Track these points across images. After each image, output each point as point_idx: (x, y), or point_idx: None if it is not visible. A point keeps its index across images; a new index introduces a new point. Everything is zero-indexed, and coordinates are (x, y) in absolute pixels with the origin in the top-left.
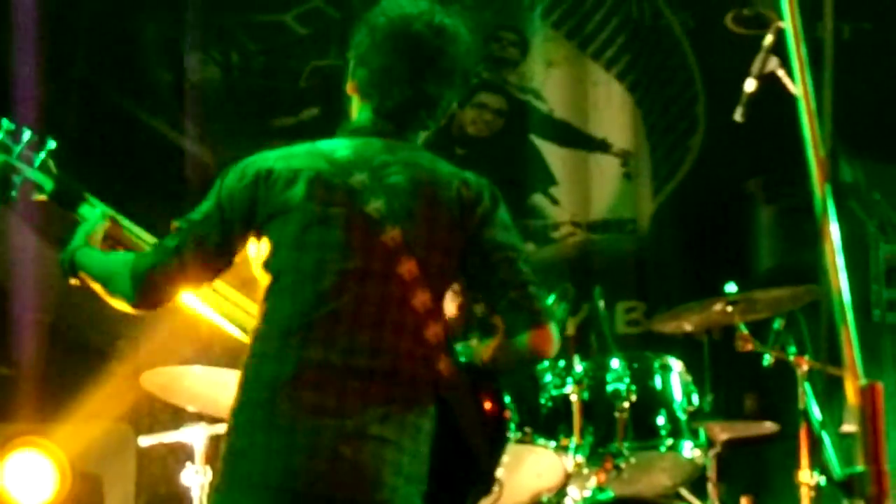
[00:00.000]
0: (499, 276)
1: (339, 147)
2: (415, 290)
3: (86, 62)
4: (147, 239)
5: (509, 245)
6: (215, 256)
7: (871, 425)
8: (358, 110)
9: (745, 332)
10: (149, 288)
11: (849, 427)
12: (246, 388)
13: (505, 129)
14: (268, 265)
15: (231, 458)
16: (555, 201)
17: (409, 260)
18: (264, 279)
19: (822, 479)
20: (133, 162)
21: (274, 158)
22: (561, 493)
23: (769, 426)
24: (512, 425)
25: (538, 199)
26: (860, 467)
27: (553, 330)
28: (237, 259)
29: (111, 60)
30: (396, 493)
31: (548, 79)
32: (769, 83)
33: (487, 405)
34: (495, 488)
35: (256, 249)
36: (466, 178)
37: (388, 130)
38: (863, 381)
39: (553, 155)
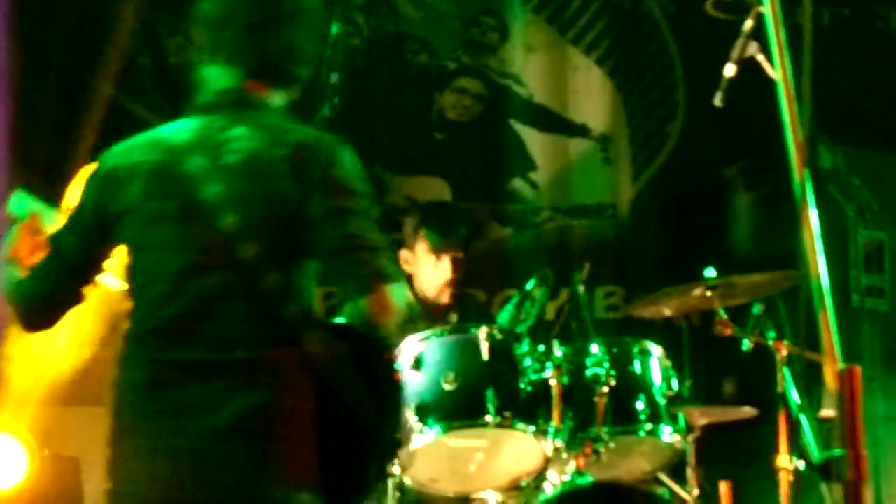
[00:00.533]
0: (328, 244)
1: (180, 130)
2: (262, 274)
3: (63, 45)
4: None
5: (340, 208)
6: (81, 269)
7: (849, 409)
8: (207, 80)
9: (725, 317)
10: (27, 315)
11: (827, 411)
12: (113, 393)
13: (484, 114)
14: (125, 268)
15: (108, 466)
16: (534, 186)
17: (251, 244)
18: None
19: (801, 464)
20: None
21: (116, 154)
22: (540, 477)
23: (748, 411)
24: (491, 409)
25: (518, 183)
26: (838, 451)
27: (390, 293)
28: None
29: (90, 44)
30: (268, 485)
31: (528, 63)
32: (749, 68)
33: (373, 371)
34: (402, 453)
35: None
36: (304, 141)
37: (235, 99)
38: (841, 366)
39: (533, 140)
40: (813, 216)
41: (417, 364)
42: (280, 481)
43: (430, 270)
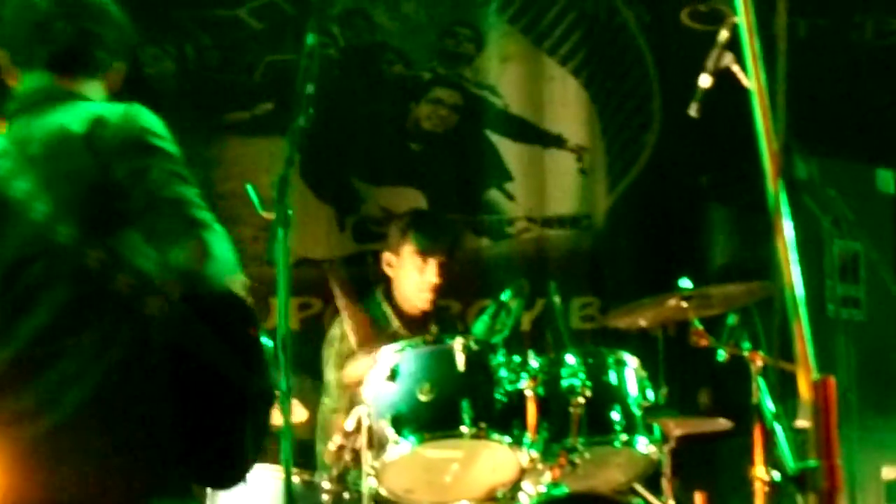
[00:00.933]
0: (135, 205)
1: None
2: (83, 253)
3: None
4: None
5: (141, 167)
6: None
7: (823, 420)
8: (19, 90)
9: (700, 327)
10: None
11: (803, 422)
12: None
13: (460, 125)
14: None
15: None
16: (510, 197)
17: (65, 226)
18: None
19: (777, 475)
20: None
21: None
22: (515, 487)
23: (723, 422)
24: (467, 419)
25: (493, 194)
26: (813, 462)
27: (206, 239)
28: None
29: None
30: (110, 476)
31: (503, 74)
32: (724, 79)
33: (226, 326)
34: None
35: None
36: (100, 113)
37: (43, 97)
38: (815, 376)
39: (508, 150)
40: (787, 226)
41: (393, 375)
42: (129, 482)
43: (414, 273)
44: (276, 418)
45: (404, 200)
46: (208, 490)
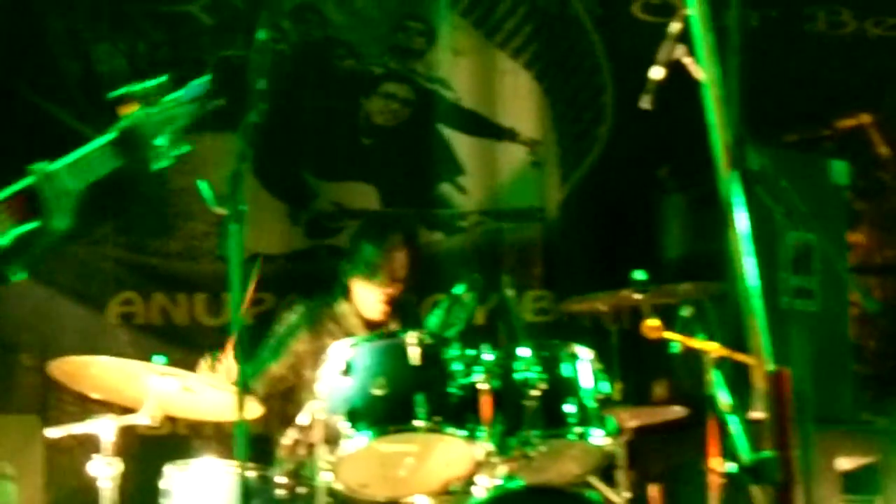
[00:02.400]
0: None
1: None
2: None
3: None
4: None
5: None
6: None
7: (779, 411)
8: None
9: (655, 322)
10: None
11: (757, 413)
12: None
13: (412, 119)
14: None
15: None
16: (462, 190)
17: None
18: None
19: (732, 466)
20: (42, 154)
21: None
22: (471, 481)
23: (678, 411)
24: (421, 413)
25: (445, 188)
26: (769, 453)
27: None
28: None
29: (16, 52)
30: None
31: (455, 68)
32: (676, 71)
33: None
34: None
35: None
36: None
37: None
38: (770, 368)
39: (461, 144)
40: (741, 218)
41: (347, 370)
42: None
43: (368, 292)
44: (232, 414)
45: (356, 195)
46: (163, 486)
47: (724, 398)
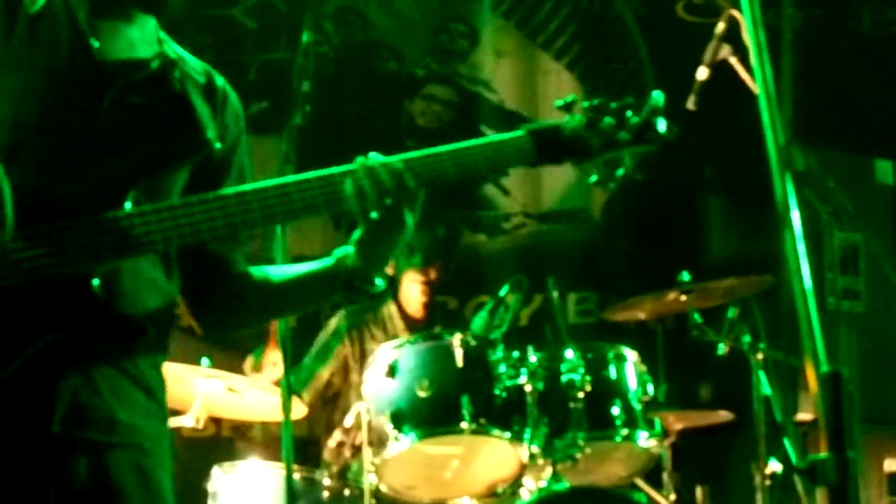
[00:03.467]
0: None
1: None
2: None
3: None
4: None
5: None
6: None
7: (834, 412)
8: None
9: (699, 321)
10: None
11: (804, 415)
12: None
13: (455, 121)
14: None
15: None
16: (506, 192)
17: None
18: None
19: (778, 468)
20: None
21: None
22: (516, 483)
23: (724, 415)
24: (466, 415)
25: (489, 190)
26: (823, 454)
27: None
28: None
29: None
30: None
31: (498, 69)
32: (722, 71)
33: None
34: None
35: None
36: None
37: None
38: (825, 369)
39: None
40: (796, 219)
41: (392, 371)
42: None
43: (408, 286)
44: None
45: None
46: (210, 488)
47: (770, 400)
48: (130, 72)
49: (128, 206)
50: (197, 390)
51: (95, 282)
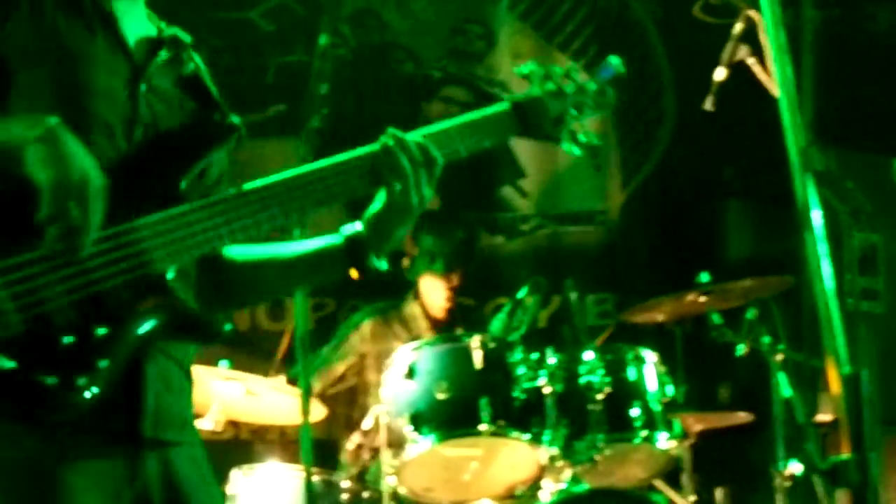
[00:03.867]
0: None
1: None
2: None
3: None
4: None
5: None
6: None
7: (857, 413)
8: None
9: (719, 322)
10: None
11: (824, 416)
12: None
13: None
14: None
15: None
16: (523, 194)
17: None
18: None
19: (798, 469)
20: None
21: None
22: (535, 485)
23: (743, 416)
24: (485, 417)
25: (507, 191)
26: (845, 455)
27: None
28: None
29: None
30: None
31: (514, 70)
32: (740, 72)
33: None
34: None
35: None
36: None
37: None
38: (847, 370)
39: (521, 147)
40: (817, 220)
41: (410, 373)
42: None
43: (430, 288)
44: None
45: None
46: (229, 490)
47: (791, 401)
48: (154, 54)
49: (185, 206)
50: (215, 393)
51: (170, 275)
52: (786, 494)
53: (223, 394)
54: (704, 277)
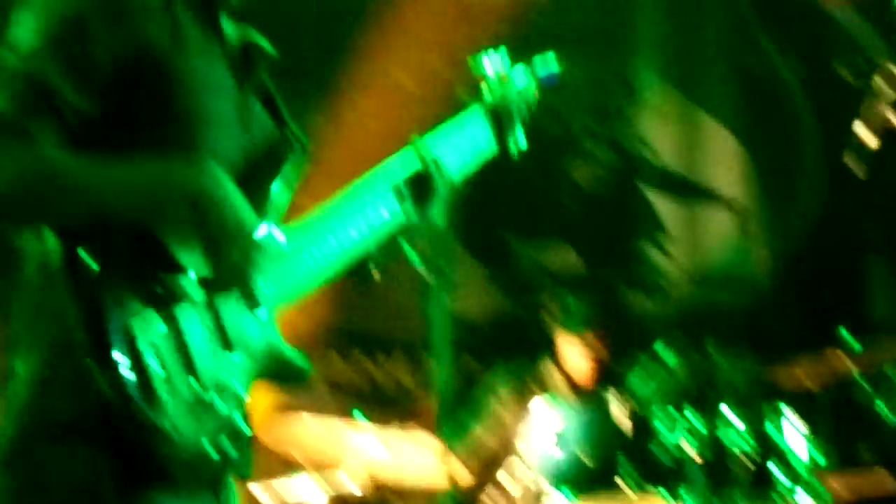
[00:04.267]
0: None
1: None
2: None
3: None
4: None
5: None
6: None
7: None
8: None
9: (865, 385)
10: None
11: None
12: None
13: (613, 179)
14: None
15: None
16: (665, 253)
17: None
18: None
19: None
20: None
21: None
22: None
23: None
24: (624, 474)
25: (647, 248)
26: None
27: None
28: None
29: None
30: None
31: (657, 128)
32: (887, 131)
33: None
34: None
35: None
36: None
37: None
38: None
39: (663, 205)
40: None
41: (549, 429)
42: None
43: (569, 349)
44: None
45: (558, 256)
46: None
47: None
48: (256, 55)
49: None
50: (350, 445)
51: None
52: None
53: (360, 446)
54: (849, 339)
